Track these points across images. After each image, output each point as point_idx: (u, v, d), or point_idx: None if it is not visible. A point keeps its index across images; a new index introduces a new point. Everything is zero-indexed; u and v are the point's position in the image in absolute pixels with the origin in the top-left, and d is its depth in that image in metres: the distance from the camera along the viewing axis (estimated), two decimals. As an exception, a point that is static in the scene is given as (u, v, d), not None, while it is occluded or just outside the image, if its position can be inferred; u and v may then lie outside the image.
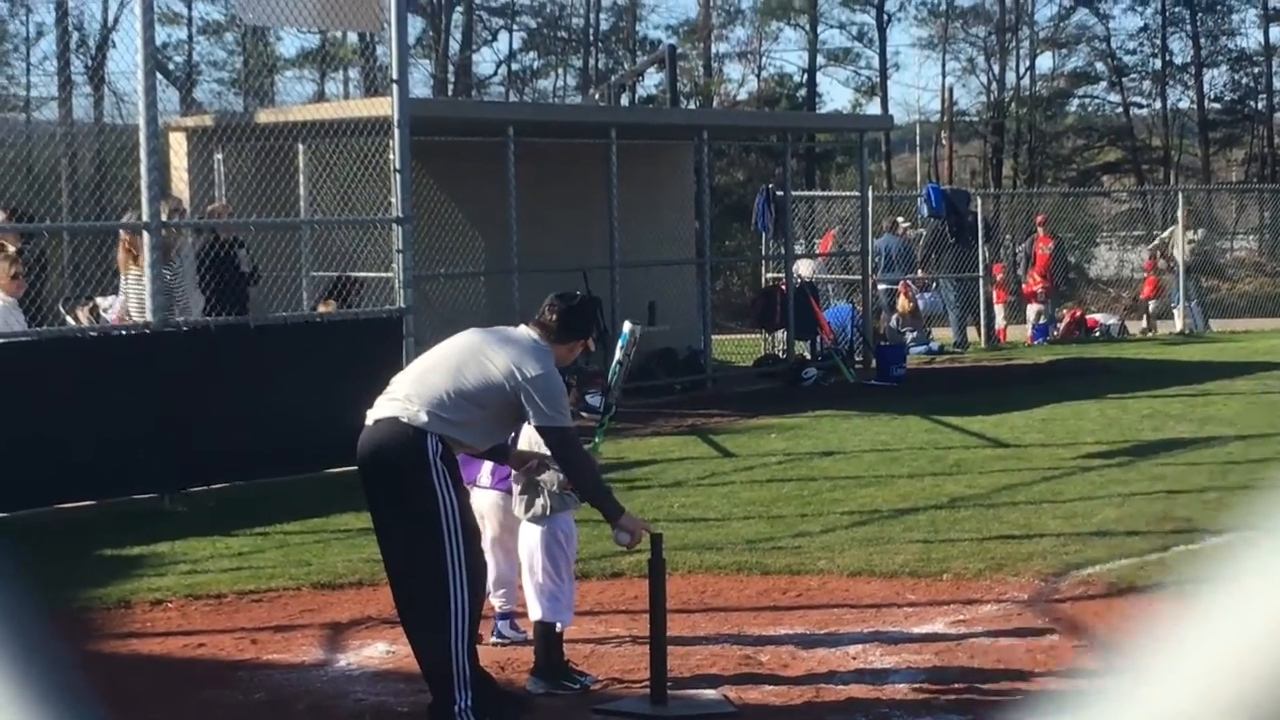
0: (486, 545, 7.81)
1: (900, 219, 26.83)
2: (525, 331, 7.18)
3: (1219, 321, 28.30)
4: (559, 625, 7.45)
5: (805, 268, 23.91)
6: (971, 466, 13.47)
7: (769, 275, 24.98)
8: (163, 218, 12.79)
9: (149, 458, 12.12)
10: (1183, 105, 49.70)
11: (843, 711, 7.00)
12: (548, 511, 7.45)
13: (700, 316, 20.94)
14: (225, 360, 12.72)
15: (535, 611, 7.45)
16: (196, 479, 12.59)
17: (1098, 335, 27.11)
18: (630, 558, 8.90)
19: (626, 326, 8.25)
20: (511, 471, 7.60)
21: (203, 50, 43.26)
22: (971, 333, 26.14)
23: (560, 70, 48.60)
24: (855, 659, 7.81)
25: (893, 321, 24.96)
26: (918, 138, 48.73)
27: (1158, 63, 48.83)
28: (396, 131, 13.76)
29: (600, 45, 48.41)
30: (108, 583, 9.83)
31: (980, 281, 26.19)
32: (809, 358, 21.63)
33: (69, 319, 14.60)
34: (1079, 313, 28.08)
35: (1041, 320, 26.95)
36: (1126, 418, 16.33)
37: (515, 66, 47.93)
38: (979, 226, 26.22)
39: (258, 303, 15.11)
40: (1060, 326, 27.11)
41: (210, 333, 12.94)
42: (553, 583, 7.42)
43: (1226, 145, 49.85)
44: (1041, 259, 27.20)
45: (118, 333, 13.33)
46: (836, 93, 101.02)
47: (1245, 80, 49.21)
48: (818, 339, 21.88)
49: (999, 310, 27.04)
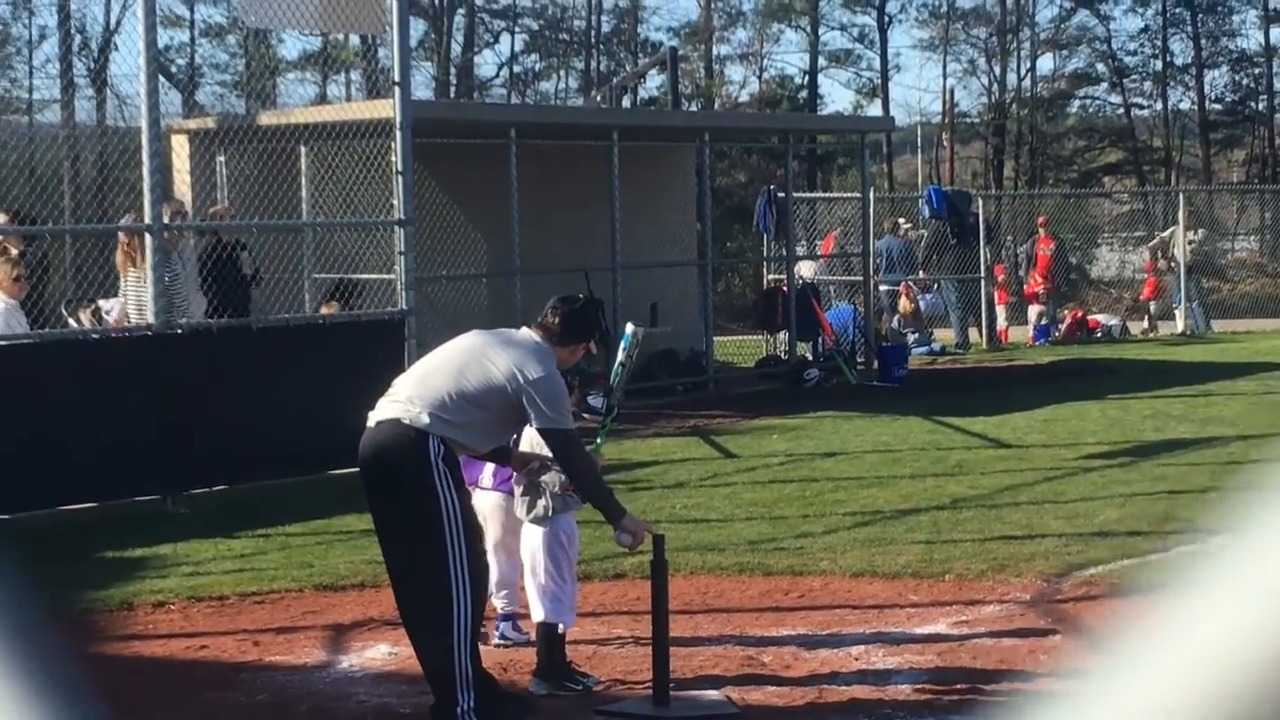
0: (489, 547, 7.81)
1: (902, 220, 26.82)
2: (527, 333, 7.18)
3: (1220, 322, 28.30)
4: (561, 626, 7.45)
5: (807, 269, 23.92)
6: (973, 467, 13.47)
7: (771, 276, 24.99)
8: (165, 220, 12.80)
9: (151, 460, 12.13)
10: (1184, 106, 49.78)
11: (845, 712, 7.00)
12: (550, 513, 7.45)
13: (702, 318, 20.94)
14: (227, 362, 12.72)
15: (537, 613, 7.45)
16: (198, 481, 12.59)
17: (1099, 336, 27.11)
18: (632, 559, 8.90)
19: (628, 328, 8.24)
20: (513, 473, 7.60)
21: (205, 53, 43.35)
22: (973, 334, 26.14)
23: (562, 72, 48.63)
24: (858, 660, 7.82)
25: (894, 322, 24.95)
26: (919, 139, 48.71)
27: (1158, 64, 48.89)
28: (398, 134, 13.77)
29: (602, 47, 48.43)
30: (110, 585, 9.83)
31: (982, 282, 26.19)
32: (811, 359, 21.63)
33: (71, 321, 14.61)
34: (1080, 314, 28.08)
35: (1043, 321, 26.94)
36: (1128, 418, 16.33)
37: (517, 69, 47.99)
38: (980, 228, 26.22)
39: (259, 305, 15.11)
40: (1062, 327, 27.11)
41: (212, 334, 12.95)
42: (555, 584, 7.42)
43: (1227, 146, 49.86)
44: (1043, 260, 27.20)
45: (120, 335, 13.33)
46: (838, 94, 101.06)
47: (1246, 81, 49.24)
48: (819, 340, 21.88)
49: (1000, 311, 27.03)
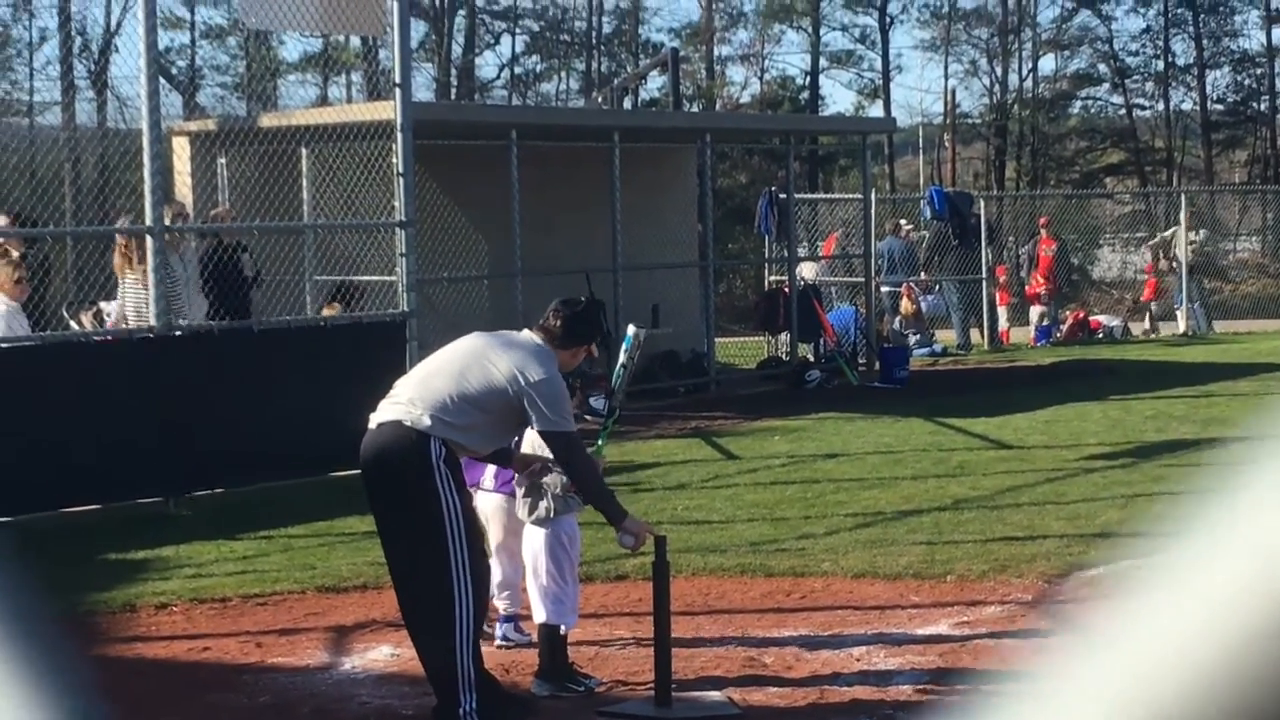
0: (491, 548, 7.82)
1: (903, 221, 26.81)
2: (529, 336, 7.18)
3: (1222, 323, 28.29)
4: (563, 628, 7.45)
5: (808, 270, 23.91)
6: (975, 468, 13.47)
7: (772, 278, 24.98)
8: (166, 222, 12.80)
9: (153, 462, 12.13)
10: (1185, 107, 49.76)
11: (847, 713, 7.01)
12: (551, 514, 7.45)
13: (703, 319, 20.94)
14: (229, 364, 12.73)
15: (539, 614, 7.46)
16: (201, 483, 12.60)
17: (1101, 337, 27.10)
18: (634, 560, 8.90)
19: (630, 330, 8.24)
20: (515, 475, 7.60)
21: (205, 54, 43.37)
22: (975, 335, 26.14)
23: (563, 74, 48.63)
24: (859, 660, 7.82)
25: (896, 324, 24.95)
26: (920, 140, 48.70)
27: (1160, 64, 48.88)
28: (399, 135, 13.78)
29: (603, 48, 48.43)
30: (112, 587, 9.84)
31: (983, 283, 26.18)
32: (812, 360, 21.62)
33: (72, 323, 14.62)
34: (1082, 314, 28.07)
35: (1045, 322, 26.93)
36: (1130, 419, 16.33)
37: (518, 70, 48.00)
38: (982, 229, 26.21)
39: (260, 306, 15.12)
40: (1063, 328, 27.10)
41: (214, 337, 12.95)
42: (557, 585, 7.43)
43: (1229, 147, 49.86)
44: (1044, 261, 27.19)
45: (121, 337, 13.33)
46: (839, 95, 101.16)
47: (1248, 81, 49.24)
48: (821, 341, 21.88)
49: (1002, 312, 27.02)
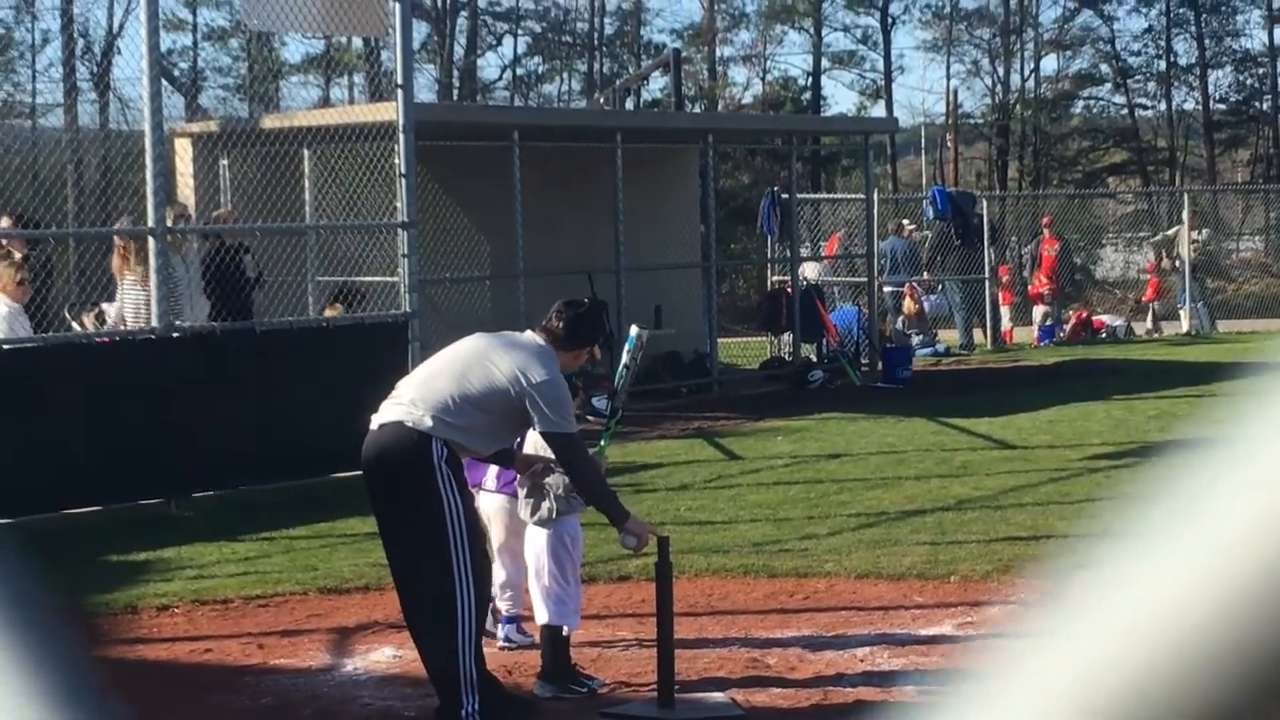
0: (493, 549, 7.81)
1: (905, 221, 26.80)
2: (531, 337, 7.17)
3: (1225, 322, 28.27)
4: (566, 629, 7.44)
5: (811, 270, 23.90)
6: (978, 468, 13.45)
7: (774, 278, 24.97)
8: (168, 223, 12.80)
9: (155, 463, 12.12)
10: (1188, 106, 49.76)
11: (851, 714, 6.99)
12: (554, 515, 7.44)
13: (706, 320, 20.93)
14: (231, 365, 12.72)
15: (542, 615, 7.44)
16: (202, 484, 12.59)
17: (1104, 336, 27.08)
18: (637, 561, 8.88)
19: (633, 330, 8.22)
20: (517, 475, 7.59)
21: (208, 56, 43.40)
22: (977, 335, 26.12)
23: (565, 74, 48.63)
24: (863, 661, 7.81)
25: (899, 324, 24.93)
26: (923, 140, 48.70)
27: (1162, 64, 48.85)
28: (401, 136, 13.77)
29: (605, 49, 48.44)
30: (114, 588, 9.83)
31: (986, 283, 26.17)
32: (815, 360, 21.62)
33: (74, 325, 14.61)
34: (1085, 314, 28.05)
35: (1048, 322, 26.91)
36: (1133, 419, 16.31)
37: (520, 71, 48.00)
38: (984, 228, 26.20)
39: (262, 308, 15.11)
40: (1066, 328, 27.07)
41: (216, 338, 12.95)
42: (559, 586, 7.41)
43: (1232, 146, 49.84)
44: (1047, 260, 27.17)
45: (123, 338, 13.32)
46: (841, 96, 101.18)
47: (1250, 81, 49.22)
48: (824, 341, 21.86)
49: (1005, 312, 27.01)
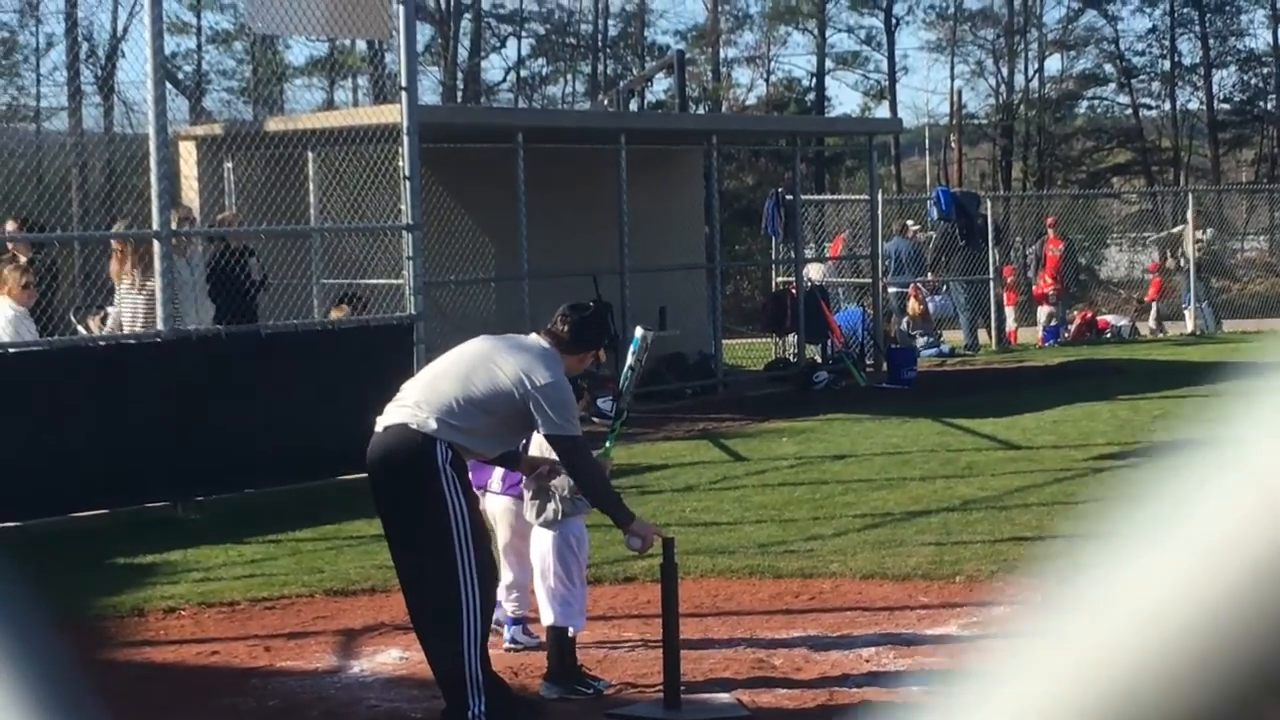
0: (499, 550, 7.82)
1: (910, 222, 26.80)
2: (536, 339, 7.18)
3: (1230, 322, 28.26)
4: (571, 630, 7.45)
5: (815, 271, 23.90)
6: (983, 469, 13.46)
7: (779, 279, 24.97)
8: (172, 226, 12.81)
9: (161, 466, 12.13)
10: (1192, 106, 49.72)
11: (856, 714, 6.99)
12: (559, 516, 7.45)
13: (711, 321, 20.93)
14: (236, 368, 12.73)
15: (548, 616, 7.45)
16: (209, 487, 12.60)
17: (1109, 337, 27.06)
18: (642, 562, 8.90)
19: (638, 332, 8.23)
20: (523, 477, 7.60)
21: (212, 59, 43.43)
22: (982, 335, 26.11)
23: (569, 76, 48.64)
24: (868, 662, 7.81)
25: (903, 324, 24.93)
26: (927, 141, 48.68)
27: (1166, 64, 48.84)
28: (406, 138, 13.78)
29: (609, 51, 48.44)
30: (121, 591, 9.85)
31: (990, 284, 26.16)
32: (820, 361, 21.62)
33: (80, 328, 14.62)
34: (1090, 314, 28.03)
35: (1052, 322, 26.90)
36: (1138, 419, 16.31)
37: (524, 73, 48.01)
38: (989, 229, 26.20)
39: (267, 310, 15.11)
40: (1071, 328, 27.06)
41: (221, 341, 12.95)
42: (565, 588, 7.42)
43: (1236, 146, 49.81)
44: (1052, 261, 27.16)
45: (130, 342, 13.33)
46: (845, 96, 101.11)
47: (1254, 81, 49.18)
48: (828, 342, 21.86)
49: (1009, 312, 27.00)
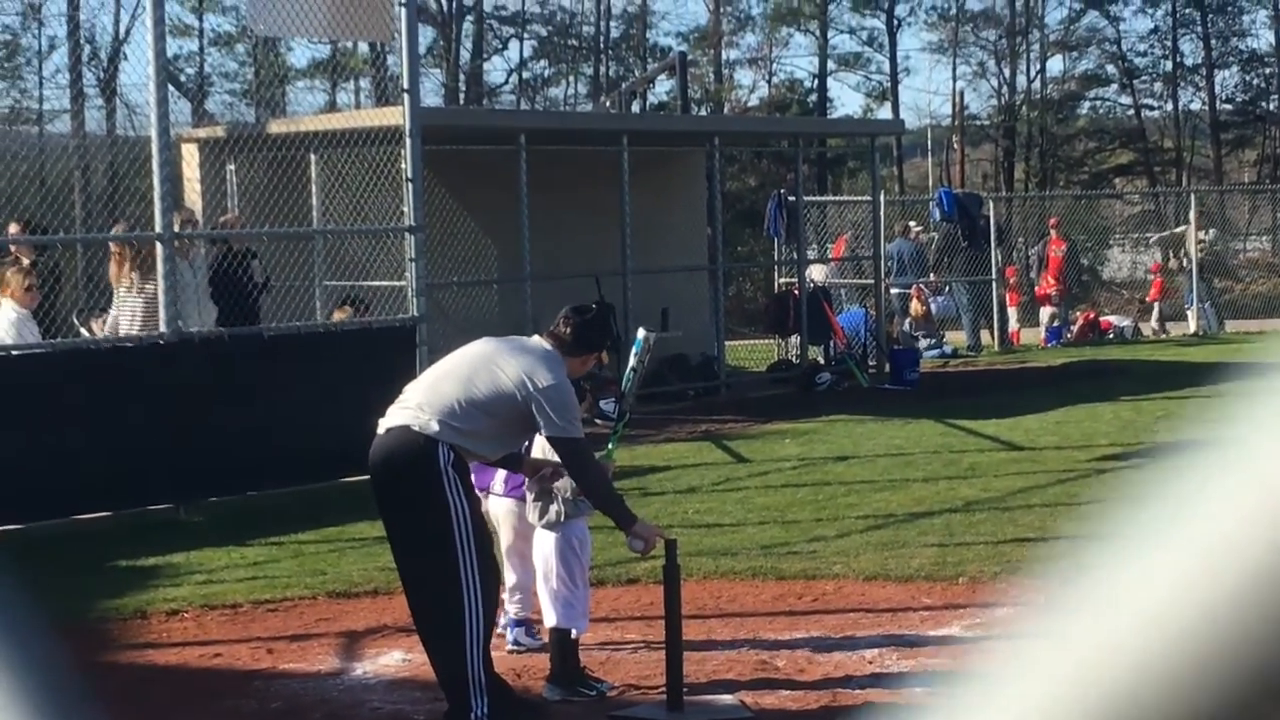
0: (502, 552, 7.81)
1: (912, 223, 26.81)
2: (538, 341, 7.18)
3: (1233, 322, 28.25)
4: (574, 632, 7.45)
5: (818, 272, 23.89)
6: (986, 470, 13.45)
7: (782, 280, 24.98)
8: (175, 228, 12.81)
9: (163, 468, 12.13)
10: (1194, 107, 49.73)
11: (859, 715, 6.99)
12: (562, 518, 7.45)
13: (713, 322, 20.94)
14: (239, 370, 12.73)
15: (550, 618, 7.45)
16: (211, 489, 12.60)
17: (1111, 337, 27.06)
18: (645, 564, 8.89)
19: (640, 333, 8.23)
20: (525, 479, 7.60)
21: (214, 62, 43.41)
22: (985, 336, 26.11)
23: (571, 78, 48.63)
24: (872, 663, 7.81)
25: (906, 325, 24.93)
26: (929, 142, 48.67)
27: (1169, 64, 48.85)
28: (408, 140, 13.78)
29: (611, 53, 48.45)
30: (124, 594, 9.85)
31: (993, 285, 26.16)
32: (822, 362, 21.61)
33: (83, 330, 14.62)
34: (1092, 315, 28.02)
35: (1055, 323, 26.89)
36: (1141, 419, 16.30)
37: (526, 75, 48.02)
38: (991, 230, 26.20)
39: (270, 313, 15.11)
40: (1074, 329, 27.06)
41: (224, 343, 12.96)
42: (568, 589, 7.42)
43: (1238, 146, 49.81)
44: (1054, 262, 27.15)
45: (132, 344, 13.33)
46: (847, 98, 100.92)
47: (1256, 81, 49.18)
48: (831, 344, 21.87)
49: (1012, 313, 27.00)
